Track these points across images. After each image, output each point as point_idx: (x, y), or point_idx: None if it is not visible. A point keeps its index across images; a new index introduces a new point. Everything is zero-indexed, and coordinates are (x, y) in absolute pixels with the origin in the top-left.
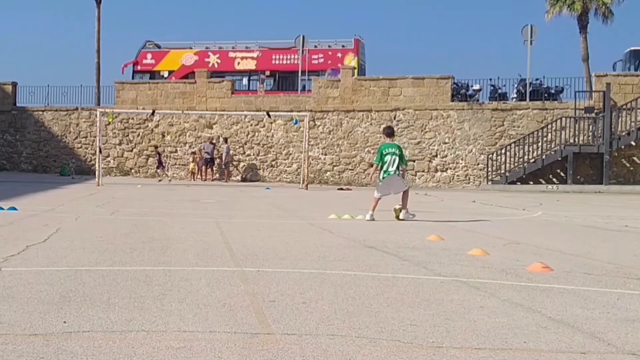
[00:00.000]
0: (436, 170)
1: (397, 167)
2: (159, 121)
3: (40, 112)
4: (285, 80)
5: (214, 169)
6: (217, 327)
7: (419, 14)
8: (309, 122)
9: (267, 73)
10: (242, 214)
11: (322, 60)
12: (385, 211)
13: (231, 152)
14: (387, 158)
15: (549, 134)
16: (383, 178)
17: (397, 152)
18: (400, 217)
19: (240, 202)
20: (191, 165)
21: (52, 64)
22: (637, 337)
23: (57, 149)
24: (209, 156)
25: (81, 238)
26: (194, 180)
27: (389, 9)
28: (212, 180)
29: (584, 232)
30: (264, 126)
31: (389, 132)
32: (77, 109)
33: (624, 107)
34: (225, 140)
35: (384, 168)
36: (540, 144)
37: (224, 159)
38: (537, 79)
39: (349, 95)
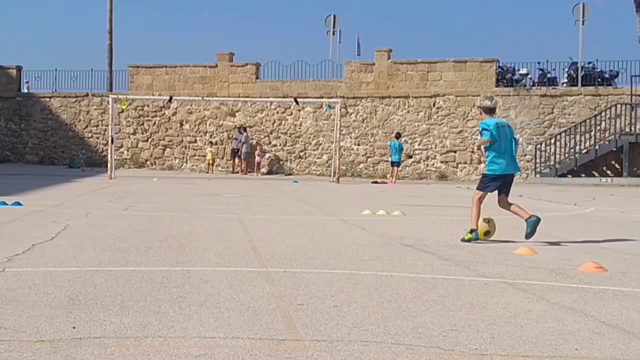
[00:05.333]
0: (479, 162)
1: None
2: (176, 108)
3: (48, 99)
4: None
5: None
6: (241, 332)
7: None
8: (340, 110)
9: None
10: (268, 210)
11: None
12: (422, 206)
13: (252, 141)
14: None
15: (603, 122)
16: None
17: None
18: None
19: (265, 196)
20: (208, 156)
21: (59, 46)
22: None
23: (66, 139)
24: (237, 146)
25: (92, 236)
26: (212, 172)
27: None
28: (245, 173)
29: None
30: (291, 114)
31: None
32: (87, 95)
33: None
34: (244, 129)
35: None
36: (593, 133)
37: (242, 149)
38: (589, 62)
39: (384, 80)
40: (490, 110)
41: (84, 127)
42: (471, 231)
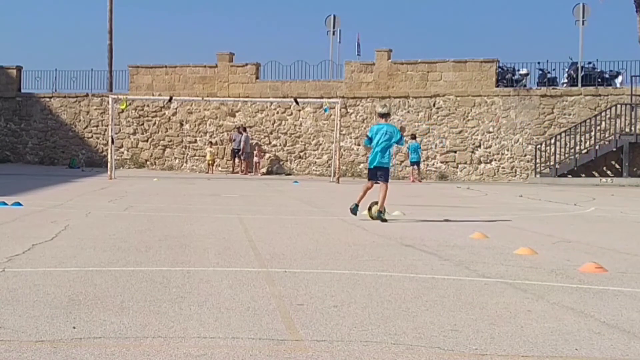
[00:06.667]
0: (479, 162)
1: None
2: (176, 109)
3: (48, 99)
4: None
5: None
6: (241, 332)
7: None
8: (340, 110)
9: None
10: (268, 210)
11: None
12: (422, 206)
13: (252, 141)
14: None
15: (603, 122)
16: None
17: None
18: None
19: (265, 196)
20: (208, 156)
21: (59, 46)
22: None
23: (66, 139)
24: (237, 146)
25: (92, 236)
26: (212, 172)
27: None
28: (245, 174)
29: None
30: (291, 114)
31: None
32: (87, 95)
33: None
34: (244, 129)
35: None
36: (593, 133)
37: (242, 149)
38: (589, 63)
39: (384, 80)
40: (383, 116)
41: (84, 127)
42: (354, 204)
